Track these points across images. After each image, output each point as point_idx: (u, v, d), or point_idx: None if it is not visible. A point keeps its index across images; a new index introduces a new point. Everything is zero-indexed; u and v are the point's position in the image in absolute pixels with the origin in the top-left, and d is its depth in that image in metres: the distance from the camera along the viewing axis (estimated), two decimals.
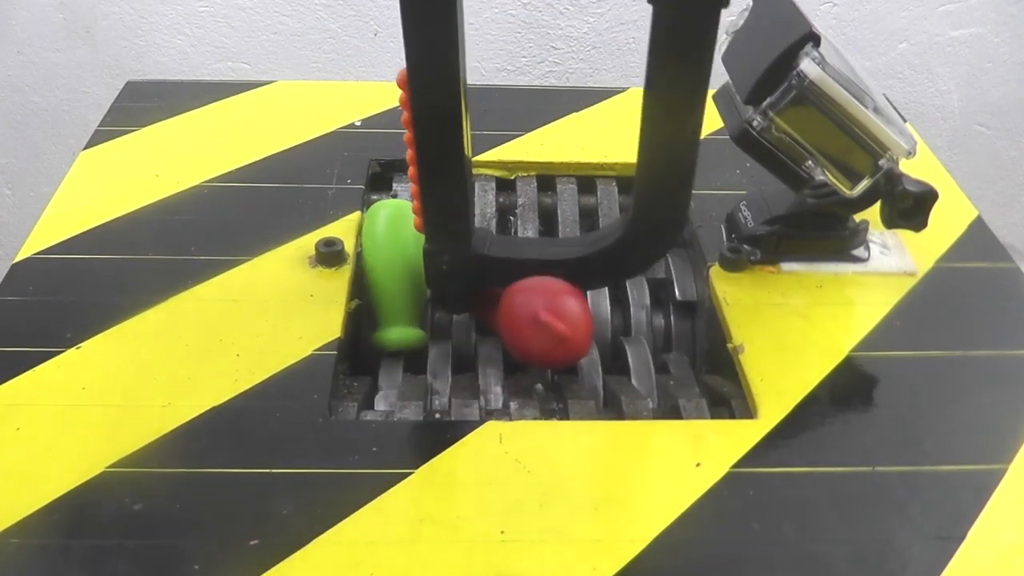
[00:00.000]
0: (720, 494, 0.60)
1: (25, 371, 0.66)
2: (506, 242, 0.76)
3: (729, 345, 0.73)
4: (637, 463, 0.62)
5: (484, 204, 0.89)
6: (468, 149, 0.68)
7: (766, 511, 0.59)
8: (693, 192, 0.88)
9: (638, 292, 0.83)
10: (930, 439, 0.65)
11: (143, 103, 0.98)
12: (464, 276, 0.72)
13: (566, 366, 0.73)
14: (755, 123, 0.72)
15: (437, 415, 0.68)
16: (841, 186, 0.73)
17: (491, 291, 0.72)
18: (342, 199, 0.85)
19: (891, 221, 0.76)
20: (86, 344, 0.69)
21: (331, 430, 0.64)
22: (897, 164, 0.73)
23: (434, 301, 0.80)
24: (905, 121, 0.74)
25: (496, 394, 0.71)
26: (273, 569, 0.54)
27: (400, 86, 0.64)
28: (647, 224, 0.70)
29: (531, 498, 0.59)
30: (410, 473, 0.60)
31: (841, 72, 0.69)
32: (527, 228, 0.88)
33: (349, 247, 0.79)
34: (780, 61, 0.69)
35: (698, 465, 0.62)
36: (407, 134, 0.66)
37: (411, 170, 0.68)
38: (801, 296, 0.77)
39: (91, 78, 1.49)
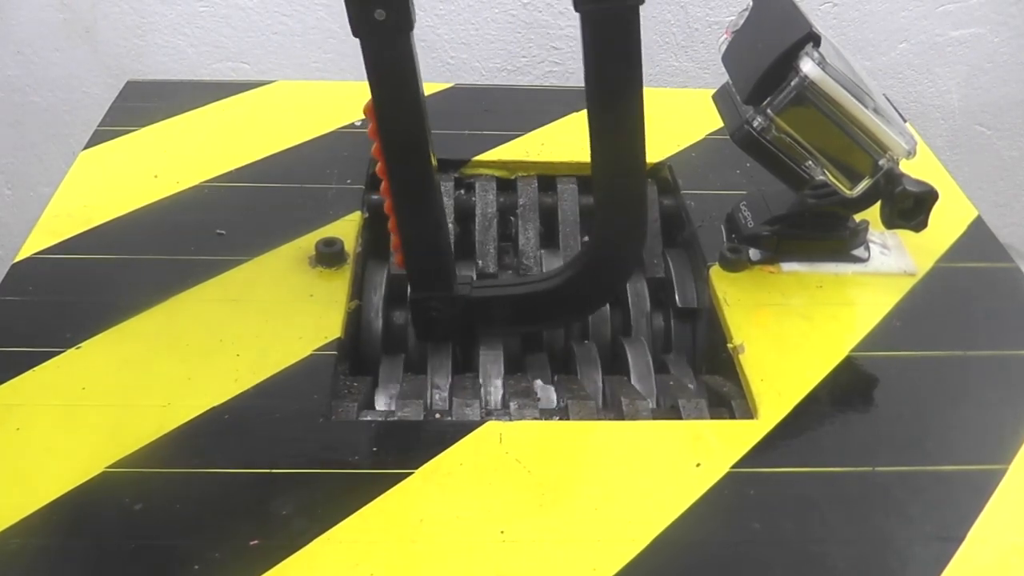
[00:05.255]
0: (720, 494, 0.60)
1: (25, 371, 0.66)
2: (484, 284, 0.78)
3: (729, 345, 0.73)
4: (637, 463, 0.62)
5: (485, 204, 0.89)
6: (438, 183, 0.70)
7: (766, 511, 0.59)
8: (693, 192, 0.89)
9: (638, 297, 0.83)
10: (930, 439, 0.65)
11: (143, 103, 0.98)
12: (451, 322, 0.74)
13: None
14: (755, 123, 0.72)
15: (437, 415, 0.68)
16: (841, 186, 0.73)
17: None
18: (342, 199, 0.85)
19: (891, 221, 0.76)
20: (86, 344, 0.69)
21: (331, 430, 0.64)
22: (897, 164, 0.73)
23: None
24: (905, 121, 0.74)
25: (496, 394, 0.72)
26: (273, 569, 0.54)
27: (366, 114, 0.66)
28: (611, 243, 0.72)
29: (531, 498, 0.59)
30: (410, 473, 0.60)
31: (841, 72, 0.69)
32: (527, 228, 0.88)
33: (349, 247, 0.79)
34: (780, 61, 0.69)
35: (698, 465, 0.62)
36: (380, 165, 0.69)
37: (391, 222, 0.70)
38: (801, 296, 0.77)
39: (91, 78, 1.48)
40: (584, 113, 0.65)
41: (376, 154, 0.68)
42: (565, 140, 0.95)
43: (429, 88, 1.02)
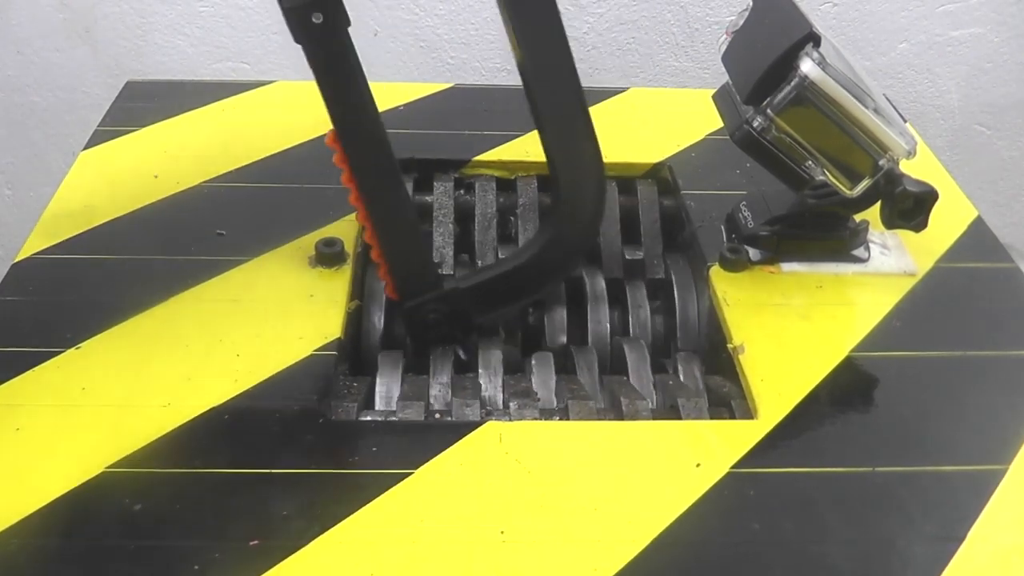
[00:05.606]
0: (720, 494, 0.60)
1: (25, 371, 0.66)
2: (469, 274, 0.79)
3: (729, 345, 0.73)
4: (637, 463, 0.62)
5: (485, 204, 0.89)
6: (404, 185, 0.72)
7: (766, 511, 0.59)
8: (693, 192, 0.89)
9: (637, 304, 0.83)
10: (930, 439, 0.65)
11: (143, 103, 0.98)
12: (448, 320, 0.74)
13: None
14: (755, 123, 0.72)
15: (437, 415, 0.68)
16: (841, 186, 0.73)
17: None
18: (342, 199, 0.85)
19: (891, 221, 0.76)
20: (86, 344, 0.69)
21: (331, 430, 0.64)
22: (897, 164, 0.73)
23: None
24: (905, 121, 0.74)
25: (496, 394, 0.72)
26: (273, 569, 0.54)
27: (331, 145, 0.68)
28: (572, 199, 0.74)
29: (531, 498, 0.59)
30: (410, 473, 0.60)
31: (841, 72, 0.69)
32: (527, 228, 0.88)
33: (349, 247, 0.79)
34: (780, 61, 0.69)
35: (698, 465, 0.62)
36: (352, 193, 0.70)
37: (367, 233, 0.72)
38: (801, 296, 0.77)
39: (91, 78, 1.48)
40: None
41: (339, 163, 0.68)
42: None
43: (429, 88, 1.03)
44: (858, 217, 0.80)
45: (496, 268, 0.78)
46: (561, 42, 0.67)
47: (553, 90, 0.69)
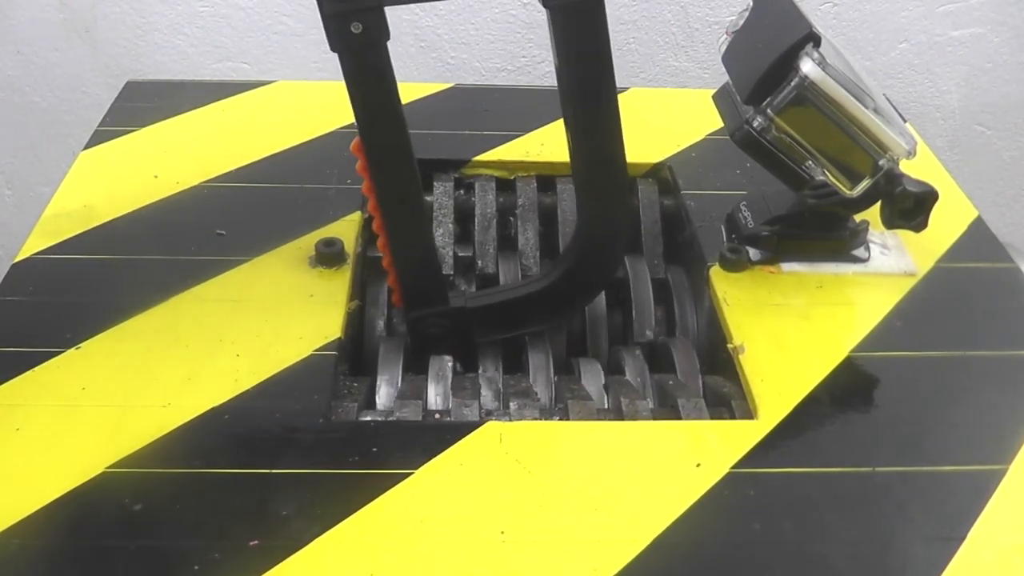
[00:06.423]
0: (720, 494, 0.60)
1: (25, 371, 0.66)
2: (477, 294, 0.78)
3: (729, 345, 0.73)
4: (637, 463, 0.62)
5: (484, 204, 0.89)
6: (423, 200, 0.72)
7: (766, 511, 0.59)
8: (693, 192, 0.89)
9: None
10: (930, 439, 0.65)
11: (143, 103, 0.98)
12: (450, 335, 0.74)
13: None
14: (755, 123, 0.72)
15: (437, 415, 0.68)
16: (841, 186, 0.73)
17: None
18: (342, 199, 0.85)
19: (891, 221, 0.76)
20: (86, 344, 0.69)
21: (331, 430, 0.64)
22: (897, 164, 0.73)
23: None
24: (905, 121, 0.74)
25: (496, 394, 0.72)
26: (273, 569, 0.54)
27: (355, 152, 0.67)
28: (595, 238, 0.73)
29: (531, 498, 0.59)
30: (410, 473, 0.60)
31: (841, 72, 0.69)
32: (527, 228, 0.88)
33: (349, 247, 0.79)
34: (780, 61, 0.69)
35: (698, 465, 0.62)
36: (371, 202, 0.70)
37: (379, 241, 0.71)
38: (801, 296, 0.77)
39: (91, 78, 1.48)
40: None
41: (361, 172, 0.68)
42: (565, 140, 0.95)
43: (429, 88, 1.03)
44: (858, 217, 0.80)
45: (505, 293, 0.77)
46: (611, 96, 0.66)
47: (595, 145, 0.69)
